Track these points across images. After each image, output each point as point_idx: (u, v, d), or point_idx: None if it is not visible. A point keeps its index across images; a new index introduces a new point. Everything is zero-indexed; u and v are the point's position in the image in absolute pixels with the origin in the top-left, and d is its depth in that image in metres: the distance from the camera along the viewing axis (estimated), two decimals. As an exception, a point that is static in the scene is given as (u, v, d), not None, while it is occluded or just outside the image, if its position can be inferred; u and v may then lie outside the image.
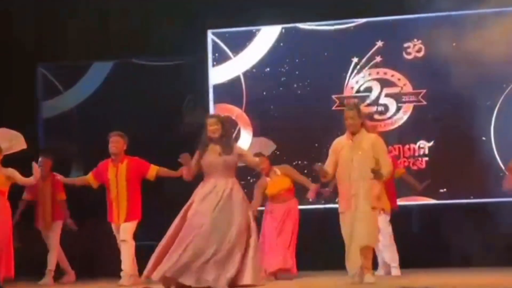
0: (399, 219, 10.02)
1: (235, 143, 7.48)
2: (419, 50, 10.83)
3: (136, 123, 10.78)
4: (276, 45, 11.26)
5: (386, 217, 9.16)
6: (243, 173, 9.15)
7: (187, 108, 11.03)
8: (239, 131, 11.24)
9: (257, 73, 11.29)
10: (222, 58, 11.38)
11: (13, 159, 8.75)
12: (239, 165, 7.64)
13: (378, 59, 10.93)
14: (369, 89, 10.98)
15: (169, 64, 11.30)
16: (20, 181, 8.73)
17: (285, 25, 11.24)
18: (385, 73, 10.95)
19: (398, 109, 10.89)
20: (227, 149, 7.26)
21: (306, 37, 11.18)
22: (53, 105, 11.61)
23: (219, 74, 11.37)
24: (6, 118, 9.53)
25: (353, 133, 7.84)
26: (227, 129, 7.38)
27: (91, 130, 10.86)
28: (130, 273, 8.66)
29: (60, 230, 9.69)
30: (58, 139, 11.15)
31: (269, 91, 11.22)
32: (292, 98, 11.11)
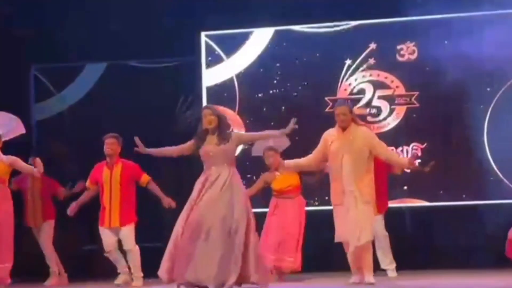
0: (393, 222, 10.06)
1: (232, 131, 7.38)
2: (412, 52, 10.84)
3: (129, 125, 10.74)
4: (269, 47, 11.25)
5: (381, 220, 9.16)
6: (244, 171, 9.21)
7: (181, 109, 11.02)
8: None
9: (250, 75, 11.28)
10: (215, 60, 11.37)
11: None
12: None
13: (371, 61, 10.94)
14: (362, 91, 10.98)
15: (161, 66, 11.30)
16: (23, 168, 8.66)
17: (278, 27, 11.24)
18: (378, 75, 10.96)
19: (391, 111, 10.90)
20: (224, 138, 7.19)
21: (299, 39, 11.17)
22: (46, 107, 11.59)
23: (212, 76, 11.36)
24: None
25: (344, 129, 7.90)
26: (223, 119, 7.30)
27: (84, 131, 10.84)
28: (141, 275, 8.74)
29: (51, 230, 9.63)
30: (51, 140, 11.12)
31: (262, 93, 11.22)
32: (285, 100, 11.11)
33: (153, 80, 11.16)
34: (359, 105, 10.86)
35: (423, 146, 10.72)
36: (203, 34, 11.39)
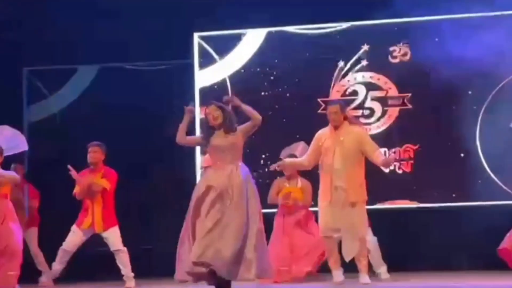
0: (385, 223, 10.08)
1: (237, 125, 7.25)
2: (405, 54, 10.85)
3: (121, 127, 10.76)
4: (261, 48, 11.25)
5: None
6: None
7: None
8: (224, 134, 11.22)
9: (243, 76, 11.27)
10: (208, 61, 11.37)
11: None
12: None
13: (364, 62, 10.95)
14: (355, 93, 10.99)
15: (154, 68, 11.28)
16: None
17: (271, 29, 11.24)
18: (371, 77, 10.96)
19: (383, 112, 10.91)
20: (231, 131, 7.07)
21: (292, 40, 11.17)
22: (39, 109, 11.56)
23: (205, 77, 11.35)
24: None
25: (336, 128, 7.96)
26: (228, 113, 7.14)
27: (77, 134, 10.81)
28: (132, 275, 8.81)
29: (36, 236, 9.77)
30: (43, 142, 11.09)
31: (254, 94, 11.18)
32: (277, 101, 11.10)
33: (146, 82, 11.13)
34: (351, 107, 10.86)
35: (416, 147, 10.73)
36: (196, 35, 11.38)
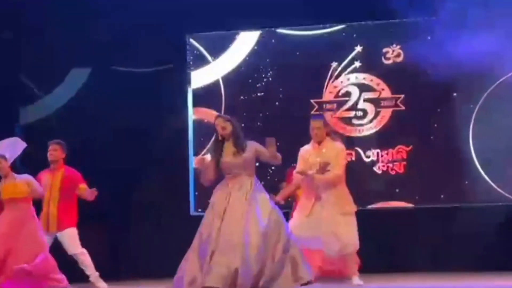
0: (378, 224, 10.10)
1: (247, 141, 7.19)
2: (398, 55, 10.87)
3: (114, 129, 10.73)
4: (255, 50, 11.27)
5: None
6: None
7: None
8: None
9: (236, 77, 11.28)
10: (201, 62, 11.37)
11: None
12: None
13: (357, 64, 10.97)
14: (348, 94, 11.00)
15: (147, 69, 11.27)
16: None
17: (264, 29, 11.24)
18: (364, 78, 10.98)
19: (376, 114, 10.92)
20: (240, 146, 6.98)
21: (285, 41, 11.19)
22: (32, 111, 11.53)
23: (198, 78, 11.36)
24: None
25: (319, 143, 8.00)
26: (236, 126, 7.07)
27: (70, 135, 10.77)
28: (97, 274, 8.63)
29: None
30: (36, 144, 11.05)
31: (247, 95, 11.22)
32: (270, 102, 11.11)
33: (138, 83, 11.09)
34: (344, 108, 10.87)
35: (409, 148, 10.74)
36: (189, 36, 11.39)
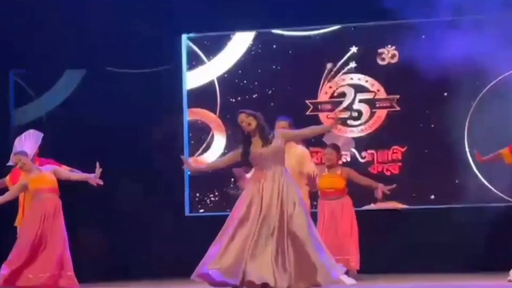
0: (374, 224, 10.10)
1: (273, 131, 7.17)
2: (393, 56, 10.87)
3: (108, 130, 10.70)
4: (250, 50, 11.25)
5: None
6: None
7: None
8: (212, 136, 11.23)
9: (231, 77, 11.27)
10: (196, 62, 11.35)
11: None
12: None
13: (352, 64, 10.97)
14: (343, 95, 11.00)
15: (142, 70, 11.25)
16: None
17: (260, 30, 11.23)
18: (359, 79, 10.98)
19: (372, 114, 10.92)
20: (267, 137, 6.93)
21: (280, 42, 11.18)
22: (25, 112, 11.49)
23: (193, 78, 11.34)
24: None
25: None
26: (260, 118, 7.00)
27: (63, 137, 10.76)
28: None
29: None
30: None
31: (243, 96, 11.21)
32: (265, 103, 11.08)
33: (133, 84, 11.09)
34: (340, 109, 10.88)
35: (404, 149, 10.75)
36: (184, 36, 11.37)
